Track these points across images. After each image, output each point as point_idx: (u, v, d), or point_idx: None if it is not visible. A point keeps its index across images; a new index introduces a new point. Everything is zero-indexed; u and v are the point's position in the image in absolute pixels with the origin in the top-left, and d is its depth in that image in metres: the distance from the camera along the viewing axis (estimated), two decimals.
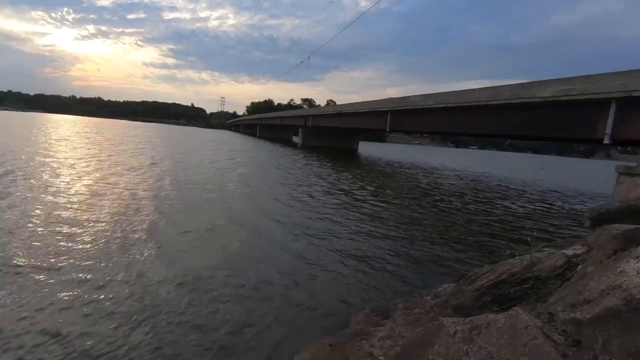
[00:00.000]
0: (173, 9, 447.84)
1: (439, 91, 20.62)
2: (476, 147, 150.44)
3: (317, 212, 10.55)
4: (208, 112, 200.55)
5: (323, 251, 7.21)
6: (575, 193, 22.52)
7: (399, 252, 7.40)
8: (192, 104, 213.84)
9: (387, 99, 27.11)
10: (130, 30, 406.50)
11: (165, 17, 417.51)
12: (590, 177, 38.87)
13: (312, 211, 10.58)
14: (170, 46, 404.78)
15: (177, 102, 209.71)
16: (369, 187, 16.68)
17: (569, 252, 2.19)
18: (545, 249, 2.84)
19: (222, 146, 39.79)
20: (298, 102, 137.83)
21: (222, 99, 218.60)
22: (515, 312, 1.64)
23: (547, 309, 1.72)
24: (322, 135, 47.48)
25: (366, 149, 56.32)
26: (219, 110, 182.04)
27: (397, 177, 23.62)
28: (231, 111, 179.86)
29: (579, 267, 1.95)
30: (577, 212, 14.40)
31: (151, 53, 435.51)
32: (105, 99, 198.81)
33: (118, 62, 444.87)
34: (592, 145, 43.46)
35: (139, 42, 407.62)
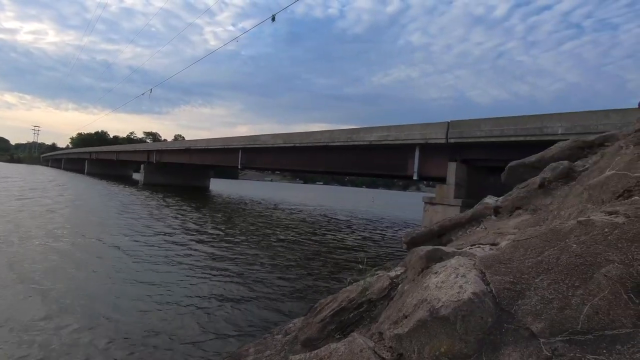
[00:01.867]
0: None
1: (288, 131, 22.12)
2: (322, 182, 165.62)
3: (168, 254, 9.41)
4: (13, 142, 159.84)
5: (173, 295, 6.41)
6: (398, 220, 27.11)
7: (249, 292, 7.22)
8: None
9: (239, 136, 27.41)
10: None
11: None
12: (408, 206, 47.73)
13: (163, 254, 9.39)
14: None
15: None
16: (217, 227, 16.05)
17: (392, 273, 2.54)
18: (377, 272, 3.22)
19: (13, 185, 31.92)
20: (140, 135, 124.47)
21: (36, 128, 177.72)
22: (352, 337, 1.77)
23: (378, 329, 1.92)
24: (168, 172, 43.77)
25: (218, 186, 54.71)
26: (31, 141, 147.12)
27: (246, 214, 23.59)
28: (49, 142, 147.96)
29: (399, 286, 2.27)
30: (399, 236, 17.30)
31: None
32: None
33: None
34: (407, 180, 53.86)
35: None
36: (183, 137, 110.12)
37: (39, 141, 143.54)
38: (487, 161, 12.74)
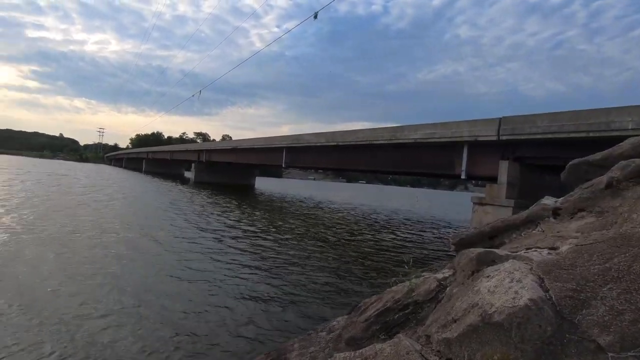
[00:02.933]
0: (40, 27, 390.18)
1: (330, 130, 22.19)
2: (364, 181, 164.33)
3: (212, 250, 9.88)
4: (82, 143, 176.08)
5: (214, 293, 6.71)
6: (443, 220, 26.17)
7: (291, 290, 7.34)
8: (60, 133, 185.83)
9: (283, 136, 27.97)
10: None
11: (29, 35, 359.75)
12: (455, 207, 45.89)
13: (203, 250, 9.88)
14: (34, 67, 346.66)
15: (40, 132, 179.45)
16: (261, 224, 16.51)
17: (440, 275, 2.46)
18: (423, 273, 3.14)
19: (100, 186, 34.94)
20: (191, 135, 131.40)
21: (101, 130, 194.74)
22: (398, 339, 1.74)
23: (425, 332, 1.87)
24: (216, 171, 45.80)
25: (263, 184, 56.31)
26: (96, 142, 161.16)
27: (289, 212, 24.01)
28: (112, 143, 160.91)
29: (448, 288, 2.19)
30: (446, 237, 16.68)
31: (6, 73, 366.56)
32: None
33: None
34: (454, 179, 51.78)
35: None
36: (230, 137, 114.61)
37: (103, 142, 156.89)
38: (543, 159, 11.88)
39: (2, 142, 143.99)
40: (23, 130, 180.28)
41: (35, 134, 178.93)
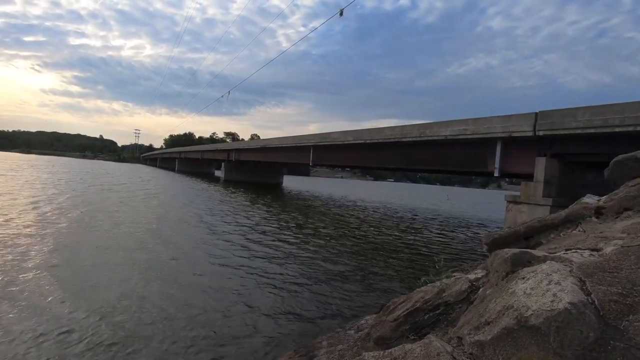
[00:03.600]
0: (81, 34, 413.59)
1: (357, 128, 22.03)
2: (392, 179, 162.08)
3: (242, 247, 10.11)
4: (120, 144, 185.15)
5: (247, 287, 6.86)
6: (475, 220, 25.35)
7: (319, 288, 7.37)
8: (100, 135, 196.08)
9: (310, 134, 28.10)
10: (26, 53, 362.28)
11: (71, 43, 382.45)
12: (487, 205, 44.35)
13: (236, 246, 10.12)
14: (76, 73, 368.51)
15: (82, 134, 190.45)
16: (295, 221, 16.66)
17: (472, 276, 2.39)
18: (454, 274, 3.06)
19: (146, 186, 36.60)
20: (221, 135, 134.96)
21: (137, 131, 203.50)
22: (428, 339, 1.71)
23: (456, 333, 1.82)
24: (245, 170, 46.77)
25: (291, 182, 56.88)
26: (133, 142, 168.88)
27: (316, 210, 24.08)
28: (147, 144, 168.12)
29: (480, 290, 2.12)
30: (477, 237, 16.16)
31: (51, 79, 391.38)
32: None
33: (8, 88, 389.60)
34: (486, 177, 49.99)
35: (36, 67, 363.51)
36: (258, 137, 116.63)
37: (139, 143, 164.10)
38: (584, 156, 11.22)
39: (50, 144, 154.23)
40: (67, 132, 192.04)
41: (78, 135, 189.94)
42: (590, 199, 2.81)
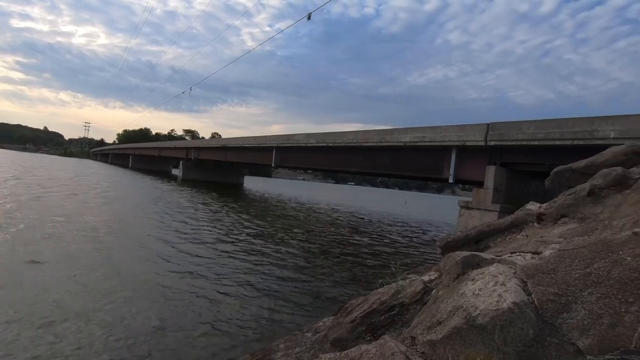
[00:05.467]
0: (25, 17, 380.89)
1: (322, 131, 22.18)
2: (353, 183, 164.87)
3: (196, 251, 9.78)
4: (67, 137, 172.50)
5: (200, 292, 6.64)
6: (430, 223, 26.44)
7: (276, 290, 7.32)
8: (45, 127, 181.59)
9: (273, 135, 27.86)
10: None
11: (14, 25, 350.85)
12: (441, 210, 46.39)
13: (190, 251, 9.77)
14: (19, 58, 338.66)
15: (23, 124, 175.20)
16: (252, 224, 16.41)
17: (426, 278, 2.48)
18: (409, 276, 3.16)
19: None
20: (180, 132, 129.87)
21: (87, 124, 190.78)
22: (383, 340, 1.75)
23: (410, 333, 1.88)
24: (205, 169, 45.34)
25: (252, 183, 55.98)
26: (82, 136, 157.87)
27: (277, 212, 23.94)
28: (97, 138, 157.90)
29: (433, 291, 2.22)
30: (433, 240, 16.86)
31: None
32: None
33: None
34: (442, 183, 52.35)
35: None
36: (220, 135, 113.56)
37: (89, 137, 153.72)
38: (529, 165, 12.11)
39: None
40: (5, 122, 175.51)
41: (19, 126, 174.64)
42: (532, 206, 3.04)
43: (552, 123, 10.60)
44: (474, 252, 2.19)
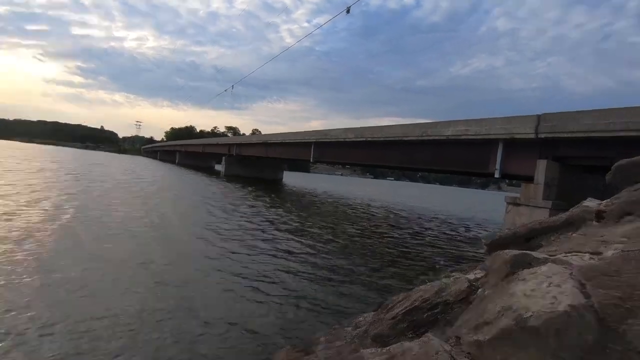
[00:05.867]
0: (84, 24, 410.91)
1: (360, 125, 22.01)
2: (392, 178, 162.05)
3: (237, 244, 10.13)
4: (121, 135, 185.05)
5: (243, 285, 6.88)
6: (475, 220, 25.38)
7: (316, 285, 7.38)
8: (101, 126, 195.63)
9: (312, 131, 28.09)
10: (29, 42, 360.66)
11: (74, 33, 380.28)
12: (487, 206, 44.32)
13: (242, 244, 10.14)
14: (79, 63, 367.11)
15: (83, 124, 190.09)
16: (294, 218, 16.67)
17: (471, 276, 2.39)
18: (453, 274, 3.06)
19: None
20: (222, 129, 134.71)
21: (138, 123, 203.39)
22: (427, 338, 1.71)
23: (455, 333, 1.83)
24: (246, 165, 46.74)
25: (291, 178, 56.86)
26: (134, 134, 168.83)
27: (316, 207, 24.10)
28: (147, 136, 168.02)
29: (479, 290, 2.13)
30: (477, 238, 16.18)
31: (54, 69, 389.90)
32: None
33: (10, 77, 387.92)
34: (486, 178, 49.96)
35: (38, 56, 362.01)
36: (260, 132, 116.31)
37: (140, 135, 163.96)
38: (586, 159, 11.23)
39: (52, 134, 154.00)
40: (68, 122, 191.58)
41: (79, 126, 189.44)
42: (591, 202, 2.81)
43: (615, 112, 9.74)
44: (524, 251, 2.08)
